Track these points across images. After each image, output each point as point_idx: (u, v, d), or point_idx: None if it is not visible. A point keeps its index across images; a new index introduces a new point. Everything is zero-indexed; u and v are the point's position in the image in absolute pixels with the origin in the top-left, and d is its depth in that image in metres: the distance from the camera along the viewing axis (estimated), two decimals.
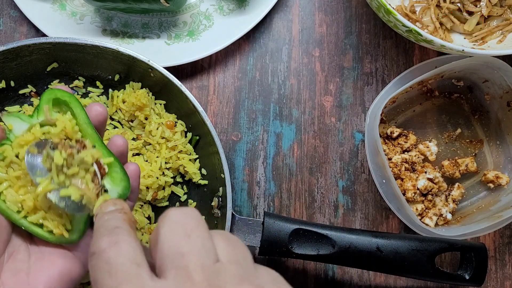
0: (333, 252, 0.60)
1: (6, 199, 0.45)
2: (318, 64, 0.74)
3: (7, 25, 0.73)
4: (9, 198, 0.44)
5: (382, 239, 0.60)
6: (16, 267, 0.43)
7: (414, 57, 0.74)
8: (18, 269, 0.43)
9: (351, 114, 0.73)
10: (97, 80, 0.69)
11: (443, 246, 0.61)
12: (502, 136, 0.71)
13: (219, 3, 0.73)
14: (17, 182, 0.45)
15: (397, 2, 0.72)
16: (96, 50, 0.64)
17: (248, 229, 0.61)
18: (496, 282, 0.70)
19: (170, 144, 0.66)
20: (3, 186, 0.45)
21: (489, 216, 0.66)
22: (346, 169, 0.72)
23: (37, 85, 0.68)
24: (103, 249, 0.33)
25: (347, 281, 0.70)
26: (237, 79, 0.73)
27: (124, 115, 0.67)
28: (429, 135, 0.72)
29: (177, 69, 0.72)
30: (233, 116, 0.73)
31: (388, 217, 0.71)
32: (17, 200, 0.45)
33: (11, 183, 0.45)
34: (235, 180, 0.71)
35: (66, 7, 0.71)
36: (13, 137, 0.45)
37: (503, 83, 0.68)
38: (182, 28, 0.72)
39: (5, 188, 0.45)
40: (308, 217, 0.71)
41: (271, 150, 0.72)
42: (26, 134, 0.45)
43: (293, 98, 0.73)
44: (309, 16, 0.75)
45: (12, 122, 0.46)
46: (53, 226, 0.45)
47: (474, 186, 0.71)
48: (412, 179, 0.67)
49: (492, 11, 0.69)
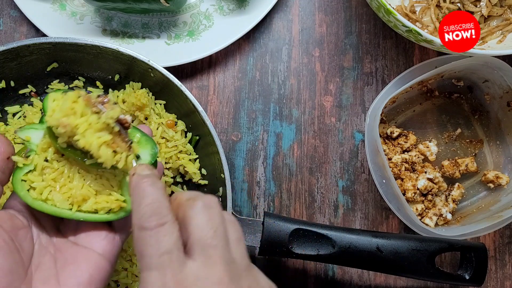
0: (333, 252, 0.60)
1: (55, 202, 0.45)
2: (318, 64, 0.74)
3: (7, 25, 0.73)
4: (57, 200, 0.45)
5: (382, 239, 0.60)
6: (45, 275, 0.44)
7: (414, 57, 0.74)
8: (47, 277, 0.44)
9: (351, 114, 0.73)
10: (97, 80, 0.69)
11: (443, 246, 0.61)
12: (502, 136, 0.71)
13: (219, 3, 0.73)
14: (56, 184, 0.46)
15: (397, 2, 0.72)
16: (96, 50, 0.64)
17: (248, 229, 0.61)
18: (496, 282, 0.70)
19: (170, 144, 0.66)
20: (47, 193, 0.45)
21: (489, 216, 0.66)
22: (346, 169, 0.72)
23: (37, 85, 0.68)
24: (152, 227, 0.38)
25: (347, 281, 0.70)
26: (237, 79, 0.73)
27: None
28: (429, 135, 0.72)
29: (177, 69, 0.72)
30: (233, 116, 0.73)
31: (388, 217, 0.71)
32: (65, 198, 0.45)
33: (52, 187, 0.46)
34: (235, 180, 0.71)
35: (66, 7, 0.71)
36: (35, 146, 0.46)
37: (503, 83, 0.68)
38: (182, 28, 0.72)
39: (49, 194, 0.45)
40: (308, 217, 0.71)
41: (271, 150, 0.72)
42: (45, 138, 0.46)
43: (293, 98, 0.73)
44: (309, 16, 0.75)
45: (27, 134, 0.47)
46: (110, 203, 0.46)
47: (474, 186, 0.71)
48: (412, 179, 0.67)
49: (492, 11, 0.69)
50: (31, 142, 0.46)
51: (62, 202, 0.45)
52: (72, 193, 0.45)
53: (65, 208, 0.45)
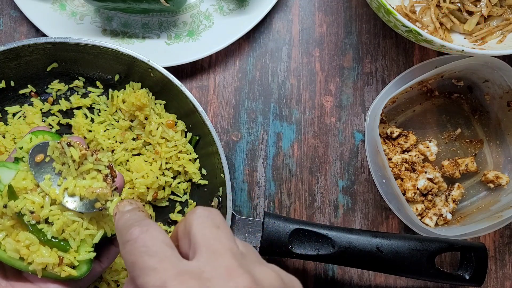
0: (333, 252, 0.60)
1: (6, 248, 0.46)
2: (318, 64, 0.74)
3: (7, 25, 0.73)
4: (8, 248, 0.46)
5: (382, 239, 0.60)
6: None
7: (414, 57, 0.74)
8: None
9: (351, 114, 0.73)
10: (97, 80, 0.69)
11: (443, 246, 0.61)
12: (502, 136, 0.71)
13: (219, 3, 0.73)
14: (13, 230, 0.46)
15: (397, 2, 0.72)
16: (96, 50, 0.64)
17: (248, 229, 0.61)
18: (496, 282, 0.70)
19: (170, 144, 0.66)
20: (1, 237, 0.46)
21: (489, 216, 0.66)
22: (346, 169, 0.72)
23: (37, 85, 0.68)
24: (137, 236, 0.37)
25: (347, 281, 0.70)
26: (237, 79, 0.73)
27: (124, 115, 0.67)
28: (429, 135, 0.72)
29: (177, 69, 0.72)
30: (233, 116, 0.73)
31: (388, 217, 0.71)
32: (17, 248, 0.46)
33: (7, 232, 0.46)
34: (235, 180, 0.71)
35: (66, 7, 0.71)
36: (2, 186, 0.46)
37: (503, 83, 0.68)
38: (182, 28, 0.72)
39: (2, 239, 0.46)
40: (308, 217, 0.71)
41: (271, 150, 0.72)
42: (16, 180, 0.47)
43: (293, 98, 0.73)
44: (309, 16, 0.75)
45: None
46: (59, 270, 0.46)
47: (474, 186, 0.71)
48: (412, 179, 0.67)
49: (492, 11, 0.69)
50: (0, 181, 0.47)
51: (14, 251, 0.46)
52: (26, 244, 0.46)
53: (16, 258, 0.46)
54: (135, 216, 0.41)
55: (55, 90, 0.68)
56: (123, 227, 0.39)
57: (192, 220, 0.38)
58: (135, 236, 0.37)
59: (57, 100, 0.69)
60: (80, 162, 0.46)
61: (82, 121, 0.67)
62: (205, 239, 0.37)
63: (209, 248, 0.36)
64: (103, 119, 0.68)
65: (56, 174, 0.47)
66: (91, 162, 0.47)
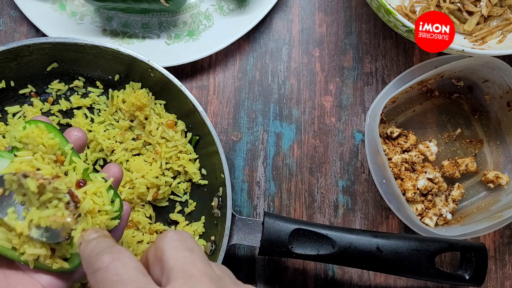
0: (333, 252, 0.60)
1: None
2: (318, 64, 0.74)
3: (7, 25, 0.73)
4: (0, 237, 0.45)
5: (382, 239, 0.60)
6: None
7: (414, 57, 0.74)
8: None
9: (351, 114, 0.73)
10: (97, 80, 0.69)
11: (443, 246, 0.61)
12: (502, 136, 0.71)
13: (219, 3, 0.73)
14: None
15: (397, 2, 0.72)
16: (96, 50, 0.64)
17: (248, 229, 0.61)
18: (496, 282, 0.70)
19: (170, 144, 0.66)
20: None
21: (489, 216, 0.66)
22: (346, 169, 0.72)
23: (37, 85, 0.68)
24: (108, 264, 0.35)
25: (347, 281, 0.70)
26: (237, 79, 0.73)
27: (124, 115, 0.67)
28: (429, 135, 0.72)
29: (177, 69, 0.72)
30: (233, 116, 0.73)
31: (388, 217, 0.71)
32: (9, 237, 0.45)
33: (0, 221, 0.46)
34: (235, 180, 0.71)
35: (66, 7, 0.71)
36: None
37: (503, 83, 0.68)
38: (182, 28, 0.72)
39: None
40: (308, 217, 0.71)
41: (271, 150, 0.72)
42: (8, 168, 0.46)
43: (293, 98, 0.73)
44: (309, 16, 0.75)
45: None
46: (50, 262, 0.46)
47: (474, 186, 0.71)
48: (412, 179, 0.67)
49: (492, 11, 0.69)
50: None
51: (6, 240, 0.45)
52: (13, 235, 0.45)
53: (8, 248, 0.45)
54: (103, 243, 0.39)
55: (55, 90, 0.68)
56: (90, 255, 0.38)
57: (164, 245, 0.37)
58: (106, 264, 0.35)
59: (57, 100, 0.69)
60: (40, 191, 0.45)
61: (82, 121, 0.67)
62: (179, 264, 0.35)
63: (184, 273, 0.35)
64: (103, 119, 0.68)
65: (20, 204, 0.46)
66: (50, 191, 0.44)
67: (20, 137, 0.47)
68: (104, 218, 0.46)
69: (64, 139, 0.48)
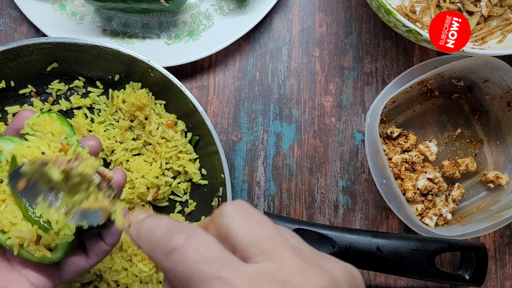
0: (333, 252, 0.60)
1: None
2: (318, 64, 0.74)
3: (7, 25, 0.73)
4: None
5: (382, 239, 0.60)
6: None
7: (414, 57, 0.74)
8: None
9: (351, 114, 0.73)
10: (97, 80, 0.69)
11: (443, 246, 0.61)
12: (502, 136, 0.71)
13: (219, 3, 0.73)
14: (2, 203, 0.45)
15: (397, 2, 0.72)
16: (96, 50, 0.64)
17: None
18: (496, 282, 0.70)
19: (170, 144, 0.66)
20: None
21: (489, 216, 0.66)
22: (346, 169, 0.72)
23: (37, 85, 0.68)
24: (183, 243, 0.32)
25: None
26: (237, 79, 0.73)
27: (124, 115, 0.67)
28: (429, 135, 0.72)
29: (177, 69, 0.72)
30: (233, 116, 0.73)
31: (388, 217, 0.71)
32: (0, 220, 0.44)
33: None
34: (235, 180, 0.71)
35: (66, 7, 0.71)
36: (3, 158, 0.46)
37: (503, 83, 0.68)
38: (182, 28, 0.72)
39: None
40: (308, 217, 0.71)
41: (271, 150, 0.72)
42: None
43: (293, 98, 0.73)
44: (309, 16, 0.75)
45: (2, 144, 0.47)
46: (34, 249, 0.44)
47: (474, 186, 0.71)
48: (412, 179, 0.67)
49: (492, 11, 0.69)
50: (3, 153, 0.46)
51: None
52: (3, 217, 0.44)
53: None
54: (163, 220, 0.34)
55: (55, 90, 0.68)
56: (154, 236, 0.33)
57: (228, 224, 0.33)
58: (181, 243, 0.31)
59: (57, 100, 0.69)
60: (66, 177, 0.42)
61: (82, 121, 0.67)
62: (252, 241, 0.32)
63: (264, 250, 0.31)
64: (103, 119, 0.68)
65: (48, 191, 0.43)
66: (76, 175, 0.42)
67: (32, 124, 0.47)
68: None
69: (73, 132, 0.49)
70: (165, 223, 0.34)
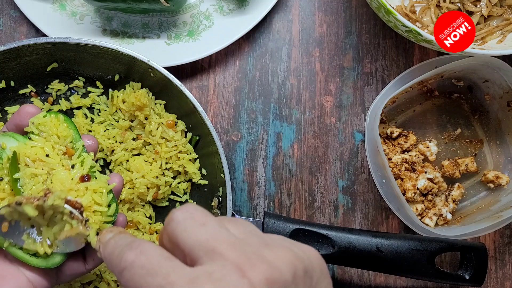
0: (333, 252, 0.60)
1: None
2: (318, 64, 0.74)
3: (7, 25, 0.73)
4: None
5: (382, 239, 0.60)
6: None
7: (414, 57, 0.74)
8: None
9: (351, 114, 0.73)
10: (97, 80, 0.69)
11: (443, 246, 0.61)
12: (502, 136, 0.71)
13: (219, 3, 0.73)
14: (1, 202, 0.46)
15: (397, 2, 0.72)
16: (96, 50, 0.64)
17: None
18: (496, 282, 0.70)
19: (170, 144, 0.66)
20: None
21: (489, 216, 0.66)
22: (346, 169, 0.72)
23: (37, 85, 0.68)
24: (132, 260, 0.34)
25: (347, 281, 0.70)
26: (237, 79, 0.73)
27: (124, 115, 0.67)
28: (429, 135, 0.72)
29: (177, 69, 0.72)
30: (233, 116, 0.73)
31: (388, 217, 0.71)
32: None
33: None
34: (235, 180, 0.71)
35: (66, 7, 0.71)
36: (6, 156, 0.46)
37: (503, 83, 0.68)
38: (182, 28, 0.72)
39: None
40: (308, 217, 0.71)
41: (271, 150, 0.72)
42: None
43: (293, 98, 0.73)
44: (309, 16, 0.75)
45: (5, 141, 0.47)
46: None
47: (474, 186, 0.71)
48: (412, 179, 0.67)
49: (492, 11, 0.69)
50: (5, 151, 0.46)
51: None
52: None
53: None
54: (121, 240, 0.38)
55: (55, 90, 0.68)
56: (112, 257, 0.37)
57: (174, 231, 0.35)
58: (130, 261, 0.34)
59: (57, 100, 0.69)
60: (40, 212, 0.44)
61: (82, 121, 0.67)
62: (196, 244, 0.34)
63: (207, 251, 0.33)
64: (103, 119, 0.68)
65: (31, 228, 0.46)
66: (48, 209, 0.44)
67: (38, 124, 0.48)
68: (98, 218, 0.46)
69: (79, 136, 0.49)
70: (121, 243, 0.37)
